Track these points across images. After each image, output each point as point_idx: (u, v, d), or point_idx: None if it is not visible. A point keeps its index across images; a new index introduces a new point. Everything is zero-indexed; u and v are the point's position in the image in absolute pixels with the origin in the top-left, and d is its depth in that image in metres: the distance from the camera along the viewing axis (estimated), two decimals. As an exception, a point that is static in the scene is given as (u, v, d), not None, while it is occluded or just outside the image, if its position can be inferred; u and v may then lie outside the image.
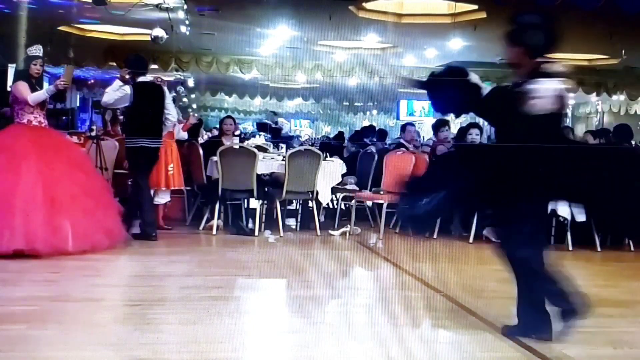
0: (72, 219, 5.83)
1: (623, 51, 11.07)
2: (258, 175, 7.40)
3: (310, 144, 13.11)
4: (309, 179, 7.43)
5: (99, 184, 6.49)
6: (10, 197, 5.66)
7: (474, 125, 8.09)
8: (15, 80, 6.29)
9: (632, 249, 7.32)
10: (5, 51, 7.37)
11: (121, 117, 11.67)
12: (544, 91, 3.56)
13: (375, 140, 11.55)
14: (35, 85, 6.18)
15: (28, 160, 5.85)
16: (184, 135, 8.00)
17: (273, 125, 15.36)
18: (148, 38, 10.54)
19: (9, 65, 9.90)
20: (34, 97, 6.06)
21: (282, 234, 7.41)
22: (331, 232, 7.73)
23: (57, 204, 5.79)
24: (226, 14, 10.51)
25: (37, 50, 6.28)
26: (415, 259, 6.15)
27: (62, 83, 6.14)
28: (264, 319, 4.39)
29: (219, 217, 7.42)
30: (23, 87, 6.09)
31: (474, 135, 7.71)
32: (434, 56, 12.97)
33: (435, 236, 7.33)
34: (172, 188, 7.47)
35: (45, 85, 6.76)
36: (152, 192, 7.20)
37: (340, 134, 16.77)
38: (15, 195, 5.67)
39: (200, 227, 7.53)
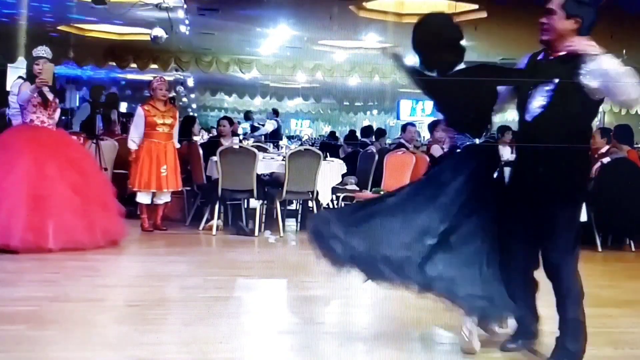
0: (56, 218, 5.82)
1: (624, 51, 11.05)
2: (258, 175, 7.39)
3: (310, 144, 13.10)
4: (309, 179, 7.42)
5: (97, 184, 6.46)
6: None
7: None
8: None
9: (633, 249, 7.31)
10: (5, 51, 7.39)
11: (122, 118, 11.73)
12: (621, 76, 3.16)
13: (373, 140, 11.53)
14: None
15: (20, 159, 5.92)
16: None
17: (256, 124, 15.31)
18: (148, 38, 10.56)
19: (9, 65, 9.92)
20: (20, 96, 6.14)
21: (282, 234, 7.40)
22: (331, 232, 7.69)
23: (41, 202, 5.80)
24: (226, 14, 10.52)
25: (40, 50, 6.36)
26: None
27: (39, 81, 6.09)
28: (264, 319, 4.38)
29: (218, 217, 7.40)
30: (23, 87, 6.17)
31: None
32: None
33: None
34: (165, 190, 7.23)
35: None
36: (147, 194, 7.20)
37: (332, 133, 16.84)
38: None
39: (200, 227, 7.52)
